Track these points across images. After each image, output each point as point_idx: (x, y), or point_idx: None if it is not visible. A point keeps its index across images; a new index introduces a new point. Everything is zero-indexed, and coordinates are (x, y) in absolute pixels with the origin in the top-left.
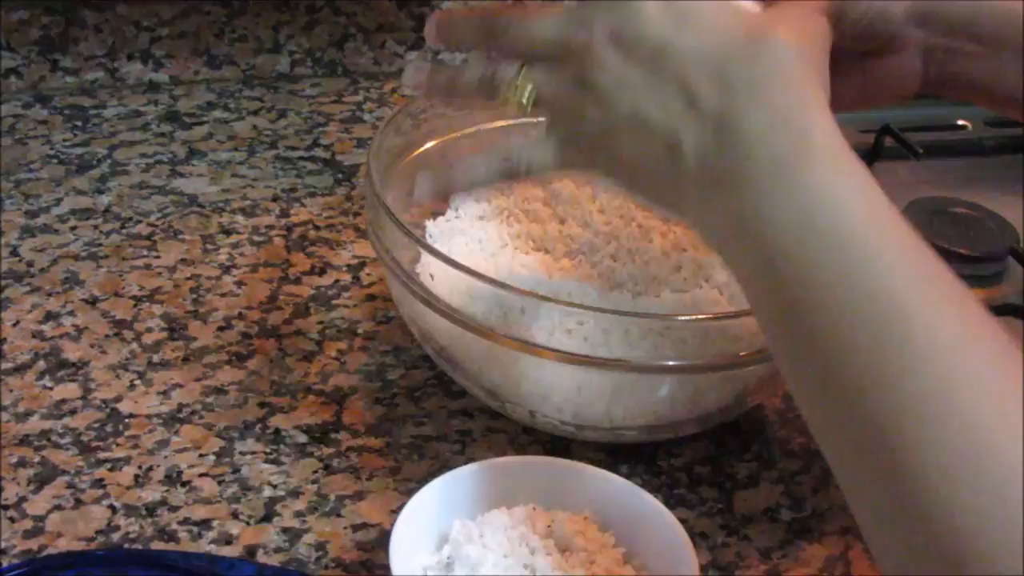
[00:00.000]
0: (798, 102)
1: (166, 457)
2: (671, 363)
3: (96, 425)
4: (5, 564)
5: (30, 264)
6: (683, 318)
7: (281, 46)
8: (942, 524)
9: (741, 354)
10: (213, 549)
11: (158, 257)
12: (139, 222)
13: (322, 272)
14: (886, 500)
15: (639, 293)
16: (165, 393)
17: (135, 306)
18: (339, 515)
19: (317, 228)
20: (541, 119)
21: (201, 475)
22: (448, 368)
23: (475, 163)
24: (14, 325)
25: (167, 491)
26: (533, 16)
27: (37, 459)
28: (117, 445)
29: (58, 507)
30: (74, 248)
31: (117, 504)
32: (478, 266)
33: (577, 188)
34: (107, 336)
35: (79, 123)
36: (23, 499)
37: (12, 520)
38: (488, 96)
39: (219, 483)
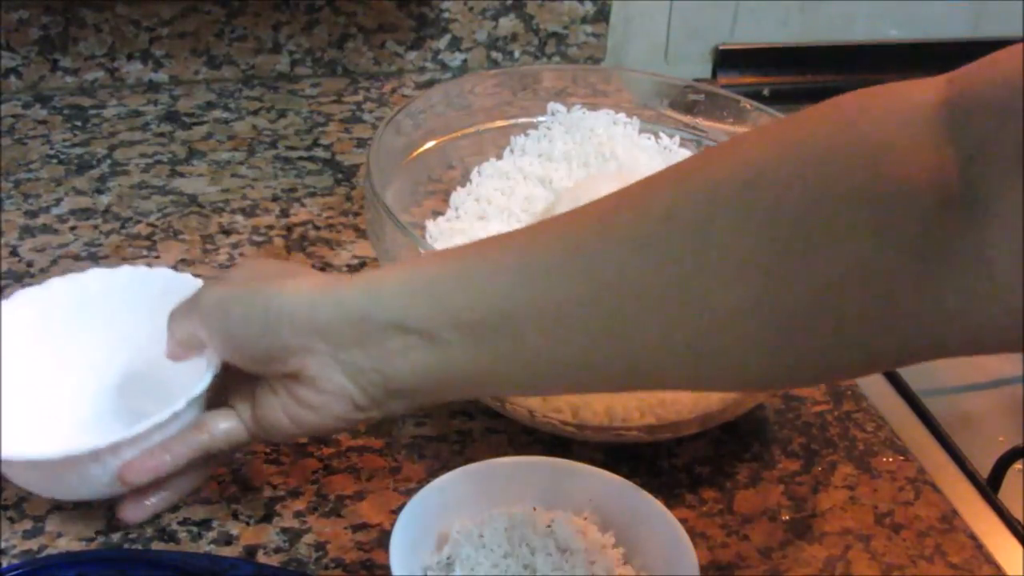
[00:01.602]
0: None
1: None
2: None
3: None
4: (5, 564)
5: (30, 264)
6: None
7: (281, 46)
8: None
9: None
10: (213, 549)
11: (158, 257)
12: (139, 222)
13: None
14: None
15: None
16: None
17: None
18: (339, 515)
19: (317, 228)
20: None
21: None
22: None
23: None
24: None
25: None
26: None
27: None
28: None
29: (58, 507)
30: (74, 248)
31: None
32: None
33: (578, 188)
34: None
35: (79, 123)
36: (23, 499)
37: (12, 520)
38: None
39: (219, 483)
